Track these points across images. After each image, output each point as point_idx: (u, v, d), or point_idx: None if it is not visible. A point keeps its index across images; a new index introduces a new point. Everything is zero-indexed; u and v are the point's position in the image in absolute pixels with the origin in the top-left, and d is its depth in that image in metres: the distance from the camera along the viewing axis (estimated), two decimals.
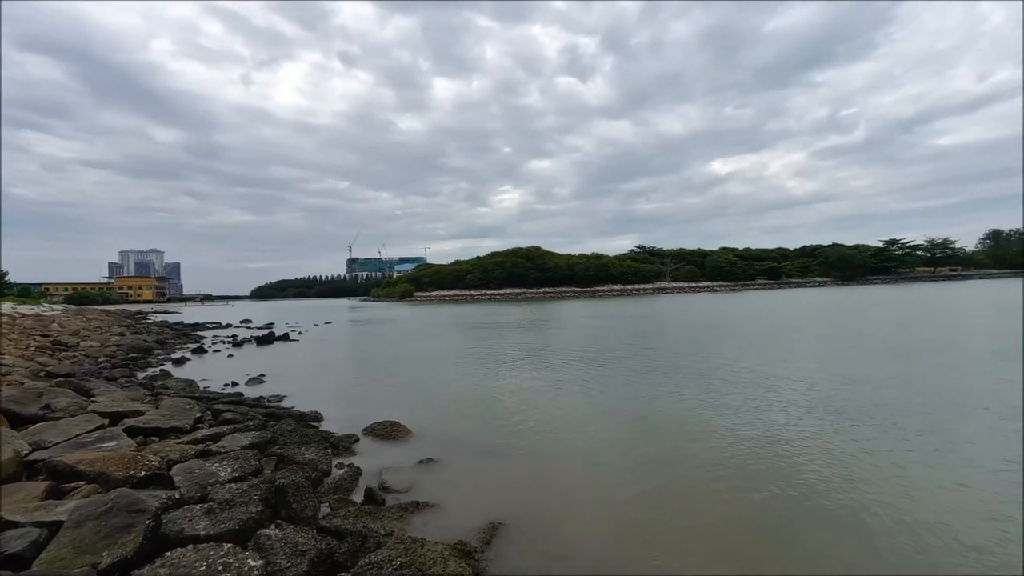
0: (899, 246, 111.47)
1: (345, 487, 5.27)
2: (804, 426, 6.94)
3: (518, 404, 8.94)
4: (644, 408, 8.40)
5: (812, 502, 4.66)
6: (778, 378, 10.20)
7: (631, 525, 4.35)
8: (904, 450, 5.89)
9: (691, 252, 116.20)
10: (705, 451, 6.12)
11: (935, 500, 4.60)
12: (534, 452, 6.37)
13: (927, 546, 3.82)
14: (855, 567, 3.63)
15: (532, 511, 4.65)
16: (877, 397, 8.41)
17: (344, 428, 7.58)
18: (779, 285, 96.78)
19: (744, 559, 3.78)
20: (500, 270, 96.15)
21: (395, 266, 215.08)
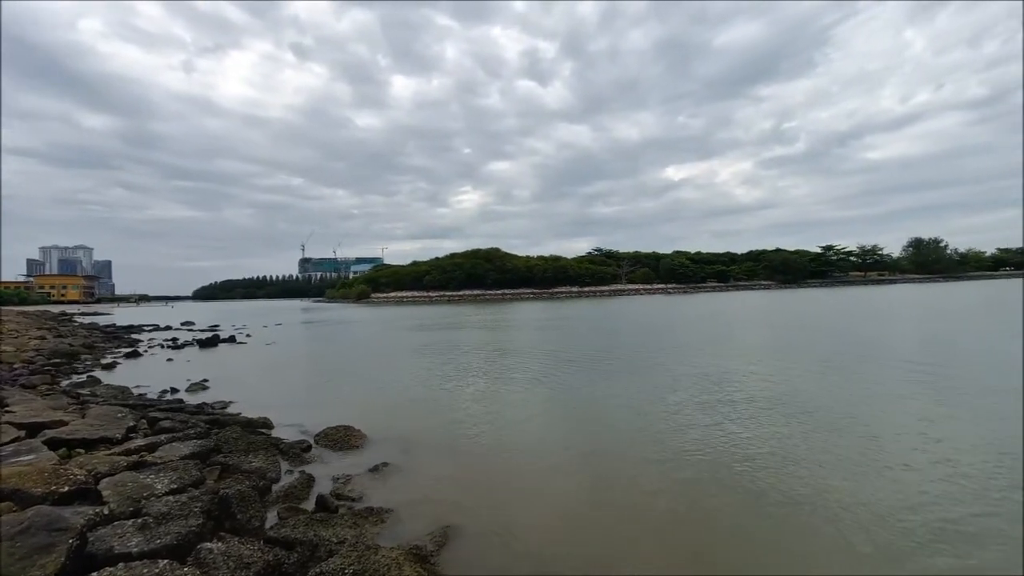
0: (835, 252, 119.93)
1: (296, 495, 5.07)
2: (749, 420, 7.30)
3: (475, 405, 8.91)
4: (600, 407, 8.58)
5: (759, 494, 4.90)
6: (727, 375, 10.69)
7: (587, 522, 4.44)
8: (839, 439, 6.32)
9: (646, 255, 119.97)
10: (659, 447, 6.32)
11: (875, 484, 4.96)
12: (491, 453, 6.38)
13: (870, 530, 4.12)
14: (803, 556, 3.86)
15: (489, 512, 4.65)
16: (815, 392, 8.98)
17: (295, 434, 7.30)
18: (728, 288, 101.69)
19: (696, 552, 3.94)
20: (459, 271, 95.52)
21: (351, 266, 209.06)
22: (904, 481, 5.02)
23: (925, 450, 5.86)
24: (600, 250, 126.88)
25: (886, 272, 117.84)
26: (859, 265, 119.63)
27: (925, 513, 4.32)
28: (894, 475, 5.18)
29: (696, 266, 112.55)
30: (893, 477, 5.14)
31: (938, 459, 5.54)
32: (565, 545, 4.05)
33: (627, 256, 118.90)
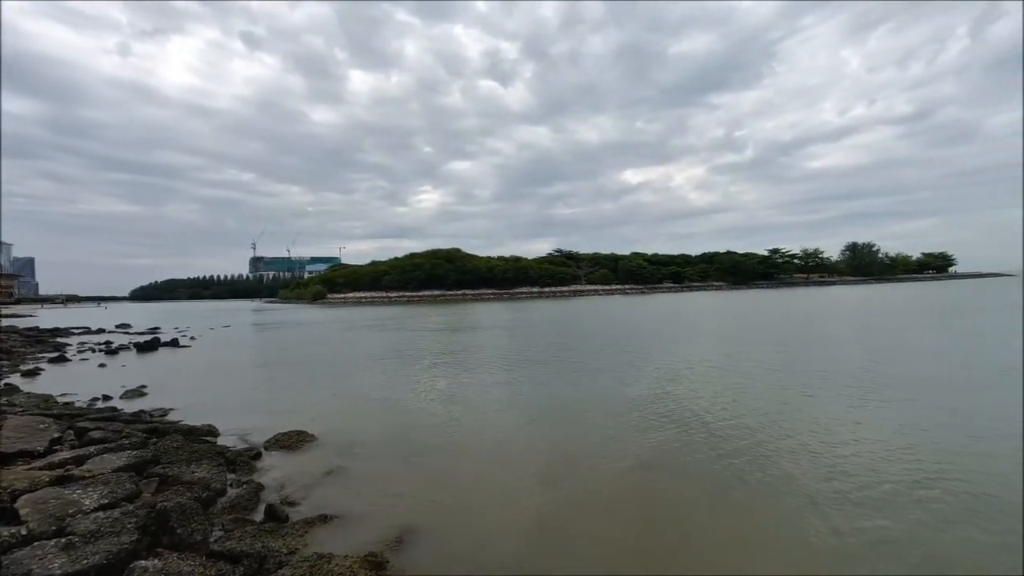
0: (780, 255, 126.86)
1: (243, 505, 4.81)
2: (707, 417, 7.58)
3: (436, 407, 8.80)
4: (562, 406, 8.67)
5: (719, 493, 5.09)
6: (683, 372, 11.07)
7: (547, 522, 4.45)
8: (794, 431, 6.67)
9: (605, 256, 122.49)
10: (617, 445, 6.45)
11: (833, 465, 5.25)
12: (450, 454, 6.30)
13: (834, 512, 4.35)
14: (767, 550, 4.03)
15: (449, 514, 4.59)
16: (765, 387, 9.45)
17: (243, 441, 6.96)
18: (683, 289, 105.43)
19: (654, 549, 4.03)
20: (419, 271, 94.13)
21: (306, 266, 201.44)
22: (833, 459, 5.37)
23: (854, 434, 6.29)
24: (560, 251, 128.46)
25: (826, 274, 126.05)
26: (802, 267, 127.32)
27: (850, 482, 4.63)
28: (832, 458, 5.53)
29: (653, 267, 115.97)
30: (831, 459, 5.48)
31: (860, 440, 5.96)
32: (528, 545, 4.05)
33: (587, 257, 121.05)
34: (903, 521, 4.19)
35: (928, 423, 6.90)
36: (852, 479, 5.05)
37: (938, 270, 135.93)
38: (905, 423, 6.90)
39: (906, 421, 7.00)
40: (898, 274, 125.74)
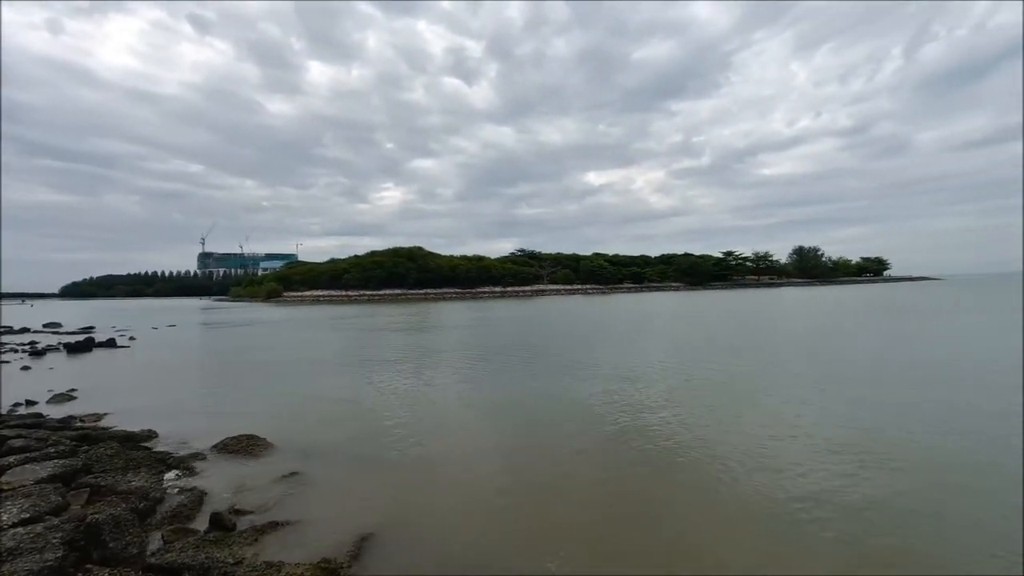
0: (734, 257, 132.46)
1: (185, 514, 4.52)
2: (665, 414, 7.78)
3: (394, 407, 8.61)
4: (522, 406, 8.68)
5: (679, 487, 5.22)
6: (642, 371, 11.34)
7: (510, 523, 4.42)
8: (745, 425, 6.94)
9: (567, 257, 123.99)
10: (580, 444, 6.52)
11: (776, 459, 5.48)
12: (410, 456, 6.17)
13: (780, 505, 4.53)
14: (720, 545, 4.14)
15: (407, 518, 4.48)
16: (721, 385, 9.80)
17: (187, 447, 6.56)
18: (642, 289, 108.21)
19: (616, 548, 4.08)
20: (380, 270, 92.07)
21: (260, 263, 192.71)
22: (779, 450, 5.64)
23: (795, 425, 6.64)
24: (523, 251, 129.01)
25: (776, 276, 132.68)
26: (754, 269, 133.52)
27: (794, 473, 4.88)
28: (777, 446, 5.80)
29: (614, 268, 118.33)
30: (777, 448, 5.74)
31: (800, 432, 6.30)
32: (491, 545, 4.00)
33: (549, 257, 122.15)
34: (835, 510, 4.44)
35: (868, 417, 7.36)
36: (785, 464, 5.32)
37: (875, 273, 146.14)
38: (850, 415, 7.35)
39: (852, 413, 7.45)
40: (840, 276, 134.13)
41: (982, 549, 3.75)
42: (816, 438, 6.34)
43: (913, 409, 7.64)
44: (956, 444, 6.09)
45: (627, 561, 3.73)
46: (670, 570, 3.60)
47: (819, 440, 6.26)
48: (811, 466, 5.42)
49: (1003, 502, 4.49)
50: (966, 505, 4.48)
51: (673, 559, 3.75)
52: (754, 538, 4.00)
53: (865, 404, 7.99)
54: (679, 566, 3.65)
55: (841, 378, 10.16)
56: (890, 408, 7.74)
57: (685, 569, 3.61)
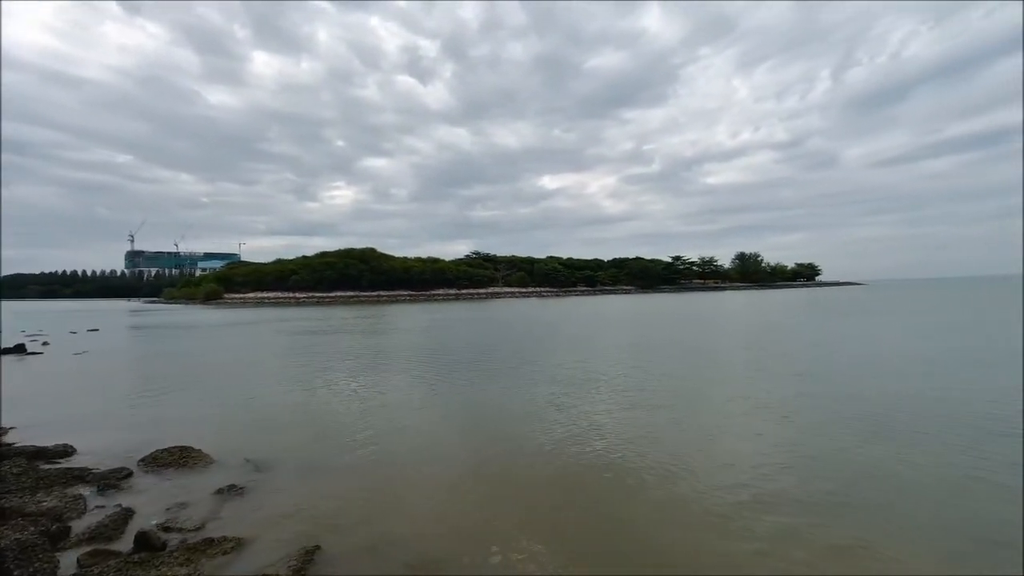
0: (682, 262, 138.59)
1: (106, 535, 4.11)
2: (620, 415, 7.94)
3: (344, 412, 8.29)
4: (475, 408, 8.60)
5: (635, 487, 5.31)
6: (596, 373, 11.55)
7: (462, 526, 4.33)
8: (692, 429, 7.19)
9: (522, 259, 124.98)
10: (533, 445, 6.51)
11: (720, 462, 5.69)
12: (362, 462, 5.94)
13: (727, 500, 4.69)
14: (677, 542, 4.23)
15: (361, 527, 4.29)
16: (669, 387, 10.14)
17: (111, 461, 5.99)
18: (595, 292, 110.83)
19: (576, 549, 4.08)
20: (331, 271, 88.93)
21: (199, 262, 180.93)
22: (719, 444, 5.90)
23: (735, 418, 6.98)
24: (478, 253, 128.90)
25: (720, 280, 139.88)
26: (700, 274, 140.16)
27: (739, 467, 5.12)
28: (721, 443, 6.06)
29: (568, 271, 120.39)
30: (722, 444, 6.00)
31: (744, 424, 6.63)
32: (445, 551, 3.89)
33: (504, 260, 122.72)
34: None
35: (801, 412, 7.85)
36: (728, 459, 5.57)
37: (808, 278, 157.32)
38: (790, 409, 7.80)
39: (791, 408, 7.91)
40: (777, 281, 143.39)
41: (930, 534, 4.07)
42: (762, 434, 6.68)
43: (850, 402, 8.23)
44: (895, 441, 6.60)
45: (581, 559, 3.74)
46: (621, 566, 3.64)
47: (765, 436, 6.60)
48: (758, 461, 5.69)
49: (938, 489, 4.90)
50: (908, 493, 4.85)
51: (626, 556, 3.80)
52: (698, 531, 4.13)
53: (807, 399, 8.52)
54: (632, 562, 3.71)
55: (784, 376, 10.79)
56: (828, 402, 8.29)
57: (638, 563, 3.67)
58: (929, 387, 9.29)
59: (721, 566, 3.61)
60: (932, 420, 7.13)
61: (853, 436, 6.47)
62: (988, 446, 5.97)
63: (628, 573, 3.56)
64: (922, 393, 8.83)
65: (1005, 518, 4.22)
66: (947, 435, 6.44)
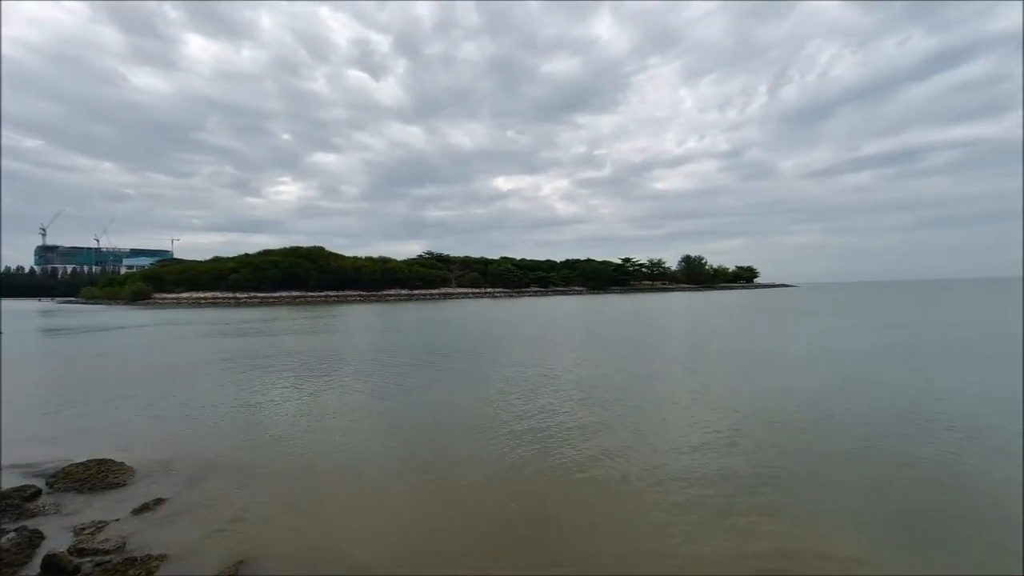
0: (631, 264, 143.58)
1: (7, 560, 3.75)
2: (566, 416, 8.12)
3: (283, 417, 7.98)
4: (420, 410, 8.54)
5: (575, 484, 5.45)
6: (546, 372, 11.75)
7: (404, 536, 4.27)
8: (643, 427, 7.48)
9: (475, 260, 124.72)
10: (482, 447, 6.56)
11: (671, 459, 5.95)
12: (297, 471, 5.76)
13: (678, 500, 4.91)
14: (618, 542, 4.39)
15: (297, 539, 4.17)
16: (617, 388, 10.48)
17: (16, 479, 5.47)
18: (548, 292, 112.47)
19: (511, 548, 4.14)
20: (275, 270, 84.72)
21: (124, 259, 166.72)
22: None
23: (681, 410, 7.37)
24: (431, 253, 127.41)
25: (667, 282, 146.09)
26: (648, 275, 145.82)
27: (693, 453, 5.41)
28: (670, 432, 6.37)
29: (521, 272, 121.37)
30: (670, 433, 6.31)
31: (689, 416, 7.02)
32: (381, 561, 3.85)
33: (457, 260, 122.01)
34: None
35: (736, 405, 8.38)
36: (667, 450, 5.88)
37: (747, 280, 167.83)
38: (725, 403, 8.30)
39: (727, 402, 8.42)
40: (719, 283, 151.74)
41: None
42: (701, 426, 7.07)
43: (786, 393, 8.86)
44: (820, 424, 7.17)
45: (525, 560, 3.83)
46: (567, 567, 3.76)
47: (704, 427, 6.99)
48: (696, 455, 6.02)
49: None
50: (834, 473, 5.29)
51: (571, 556, 3.92)
52: (643, 530, 4.33)
53: (742, 392, 9.09)
54: (576, 561, 3.83)
55: (724, 371, 11.45)
56: (762, 395, 8.89)
57: (584, 563, 3.80)
58: (840, 379, 10.19)
59: (658, 556, 3.81)
60: (854, 408, 7.83)
61: (787, 422, 7.00)
62: (908, 429, 6.65)
63: (572, 574, 3.66)
64: (834, 384, 9.66)
65: (902, 485, 4.73)
66: (869, 419, 7.10)
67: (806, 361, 13.12)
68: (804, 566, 3.60)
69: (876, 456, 5.89)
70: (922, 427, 6.98)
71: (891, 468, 5.51)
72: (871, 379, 10.36)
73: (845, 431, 6.90)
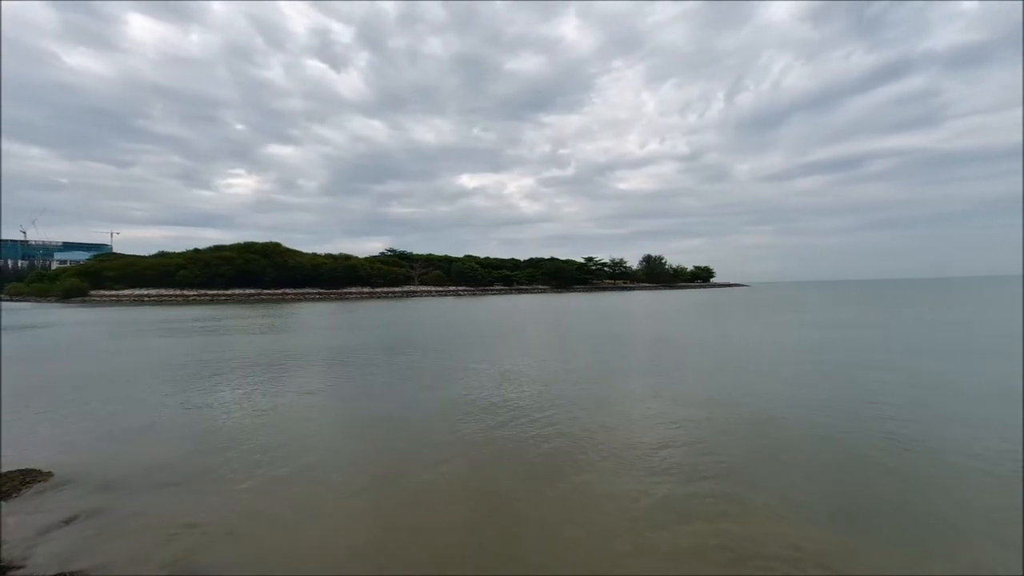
0: (594, 263, 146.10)
1: None
2: (531, 414, 8.13)
3: (229, 422, 7.61)
4: (380, 410, 8.37)
5: (542, 483, 5.45)
6: (510, 371, 11.75)
7: (353, 545, 4.14)
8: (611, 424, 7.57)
9: (439, 258, 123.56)
10: (442, 446, 6.48)
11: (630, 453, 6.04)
12: (253, 474, 5.50)
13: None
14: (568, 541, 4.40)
15: (245, 543, 3.99)
16: (581, 385, 10.60)
17: None
18: (511, 291, 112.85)
19: (484, 552, 4.09)
20: (228, 267, 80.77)
21: (55, 253, 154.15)
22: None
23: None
24: (393, 251, 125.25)
25: (629, 281, 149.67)
26: (611, 274, 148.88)
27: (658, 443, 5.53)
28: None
29: (485, 270, 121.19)
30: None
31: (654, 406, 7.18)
32: (345, 564, 3.73)
33: (421, 258, 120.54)
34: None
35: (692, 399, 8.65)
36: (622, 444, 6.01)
37: (704, 280, 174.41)
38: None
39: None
40: (679, 282, 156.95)
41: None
42: (664, 420, 7.25)
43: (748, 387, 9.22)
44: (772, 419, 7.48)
45: (490, 560, 3.79)
46: (533, 567, 3.75)
47: (666, 422, 7.17)
48: (660, 449, 6.16)
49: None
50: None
51: (536, 555, 3.91)
52: (608, 526, 4.38)
53: (705, 385, 9.39)
54: (541, 560, 3.82)
55: (685, 366, 11.80)
56: (715, 390, 9.22)
57: (549, 563, 3.80)
58: (794, 372, 10.73)
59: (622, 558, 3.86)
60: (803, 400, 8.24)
61: (739, 416, 7.28)
62: (859, 422, 7.05)
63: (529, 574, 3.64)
64: (784, 377, 10.16)
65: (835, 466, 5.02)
66: (821, 412, 7.48)
67: (760, 354, 13.73)
68: (760, 551, 3.74)
69: (822, 445, 6.22)
70: (852, 418, 7.42)
71: (841, 456, 5.83)
72: (824, 372, 10.96)
73: (796, 423, 7.24)
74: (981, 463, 5.47)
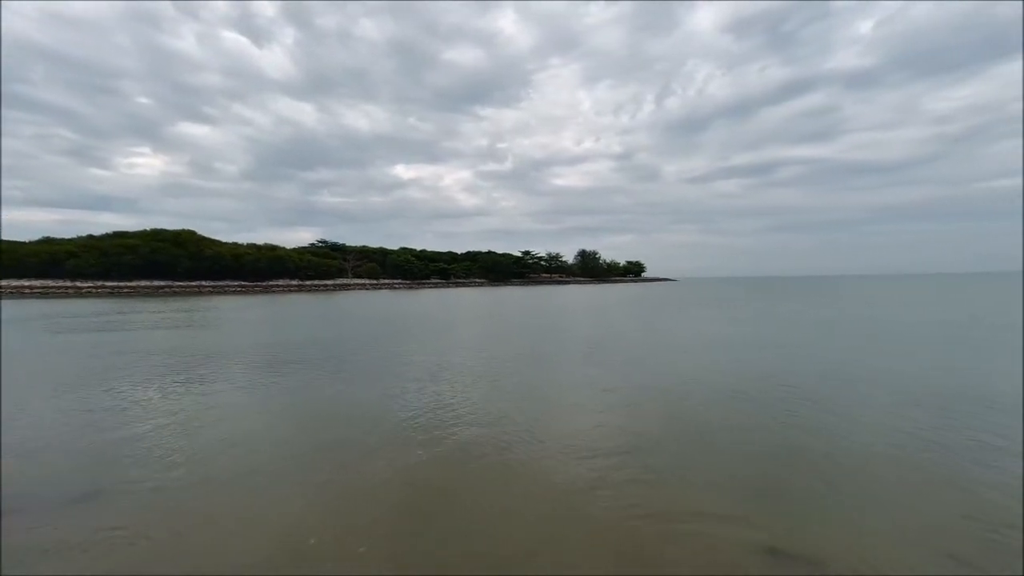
0: (531, 257, 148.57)
1: None
2: (466, 405, 8.22)
3: (143, 423, 7.01)
4: (312, 409, 8.10)
5: (472, 477, 5.55)
6: (443, 364, 11.74)
7: (305, 537, 4.08)
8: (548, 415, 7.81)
9: (374, 250, 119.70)
10: (378, 441, 6.40)
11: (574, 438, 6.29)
12: (178, 486, 5.13)
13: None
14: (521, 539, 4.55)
15: (173, 555, 3.74)
16: (516, 374, 10.83)
17: None
18: (448, 284, 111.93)
19: (407, 547, 4.14)
20: (132, 256, 72.94)
21: None
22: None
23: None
24: (325, 242, 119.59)
25: (564, 275, 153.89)
26: (547, 268, 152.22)
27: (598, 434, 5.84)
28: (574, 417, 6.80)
29: (421, 263, 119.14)
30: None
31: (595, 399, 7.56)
32: (283, 565, 3.63)
33: (354, 250, 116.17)
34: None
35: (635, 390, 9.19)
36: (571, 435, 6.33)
37: (635, 274, 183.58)
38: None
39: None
40: (612, 276, 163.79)
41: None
42: (598, 405, 7.63)
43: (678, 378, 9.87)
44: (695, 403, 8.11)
45: (421, 559, 3.86)
46: (471, 557, 3.87)
47: (600, 407, 7.55)
48: (593, 432, 6.50)
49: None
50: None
51: (474, 544, 4.04)
52: (538, 521, 4.60)
53: (635, 373, 9.96)
54: (478, 550, 3.95)
55: (619, 354, 12.42)
56: (644, 378, 9.83)
57: (486, 551, 3.94)
58: (722, 362, 11.70)
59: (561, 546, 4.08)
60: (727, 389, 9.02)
61: (664, 403, 7.85)
62: (782, 407, 7.82)
63: (468, 573, 3.75)
64: (710, 367, 11.07)
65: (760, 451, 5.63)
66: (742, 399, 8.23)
67: (689, 343, 14.79)
68: (680, 524, 4.13)
69: (742, 426, 6.89)
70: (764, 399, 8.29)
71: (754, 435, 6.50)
72: (749, 359, 12.04)
73: (717, 403, 7.94)
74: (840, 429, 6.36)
